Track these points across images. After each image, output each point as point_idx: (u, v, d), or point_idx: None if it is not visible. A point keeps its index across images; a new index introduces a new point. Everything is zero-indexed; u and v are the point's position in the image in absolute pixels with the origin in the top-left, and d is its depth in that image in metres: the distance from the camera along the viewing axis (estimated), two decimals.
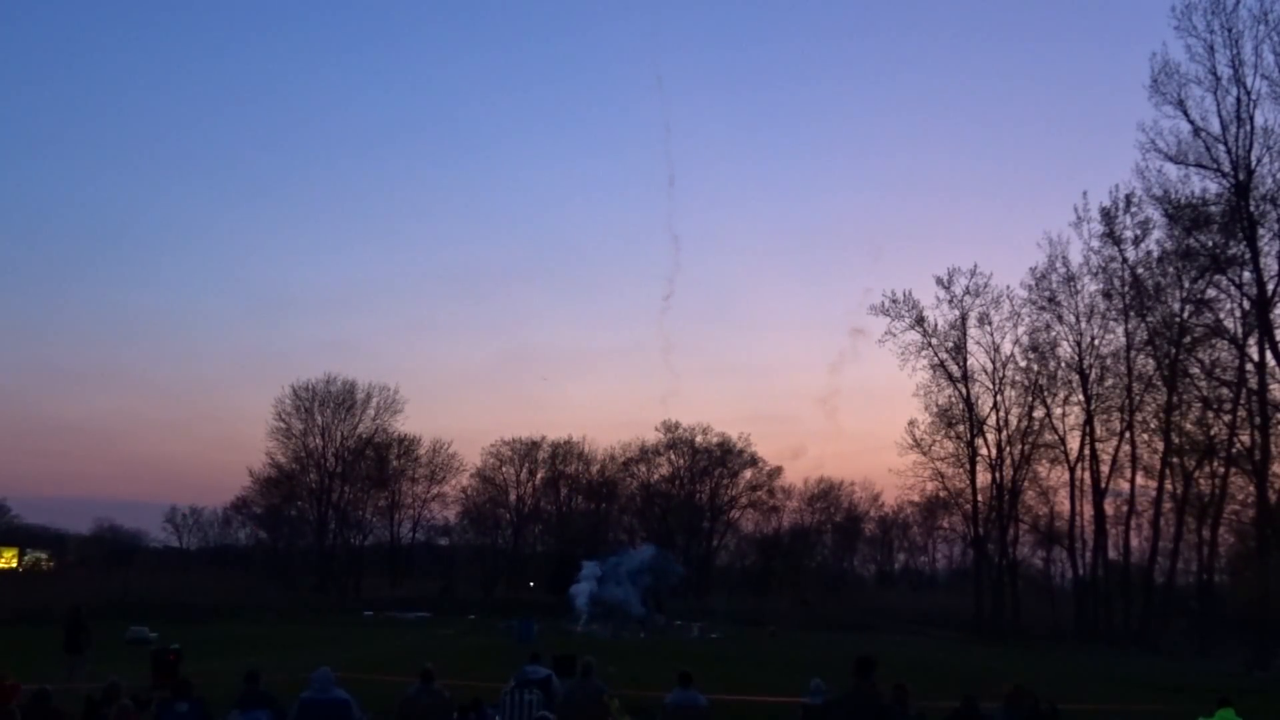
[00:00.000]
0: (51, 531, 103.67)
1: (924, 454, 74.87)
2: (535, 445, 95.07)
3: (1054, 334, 68.79)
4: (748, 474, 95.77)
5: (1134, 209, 60.33)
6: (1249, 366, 53.91)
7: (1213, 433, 58.30)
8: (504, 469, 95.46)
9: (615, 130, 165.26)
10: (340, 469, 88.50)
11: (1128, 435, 64.64)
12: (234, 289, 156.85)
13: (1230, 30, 49.00)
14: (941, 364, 73.36)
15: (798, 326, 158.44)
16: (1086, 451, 67.14)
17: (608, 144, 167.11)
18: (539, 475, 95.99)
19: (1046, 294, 67.74)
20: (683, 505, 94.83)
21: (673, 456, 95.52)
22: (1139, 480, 64.78)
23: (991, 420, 73.50)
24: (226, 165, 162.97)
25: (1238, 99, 49.49)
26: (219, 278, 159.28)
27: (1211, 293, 56.75)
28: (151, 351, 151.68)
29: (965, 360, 72.99)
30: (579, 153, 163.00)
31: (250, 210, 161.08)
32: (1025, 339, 71.01)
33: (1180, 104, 51.10)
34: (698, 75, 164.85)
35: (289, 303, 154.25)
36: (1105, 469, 66.24)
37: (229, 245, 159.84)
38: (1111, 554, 67.21)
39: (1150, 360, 62.79)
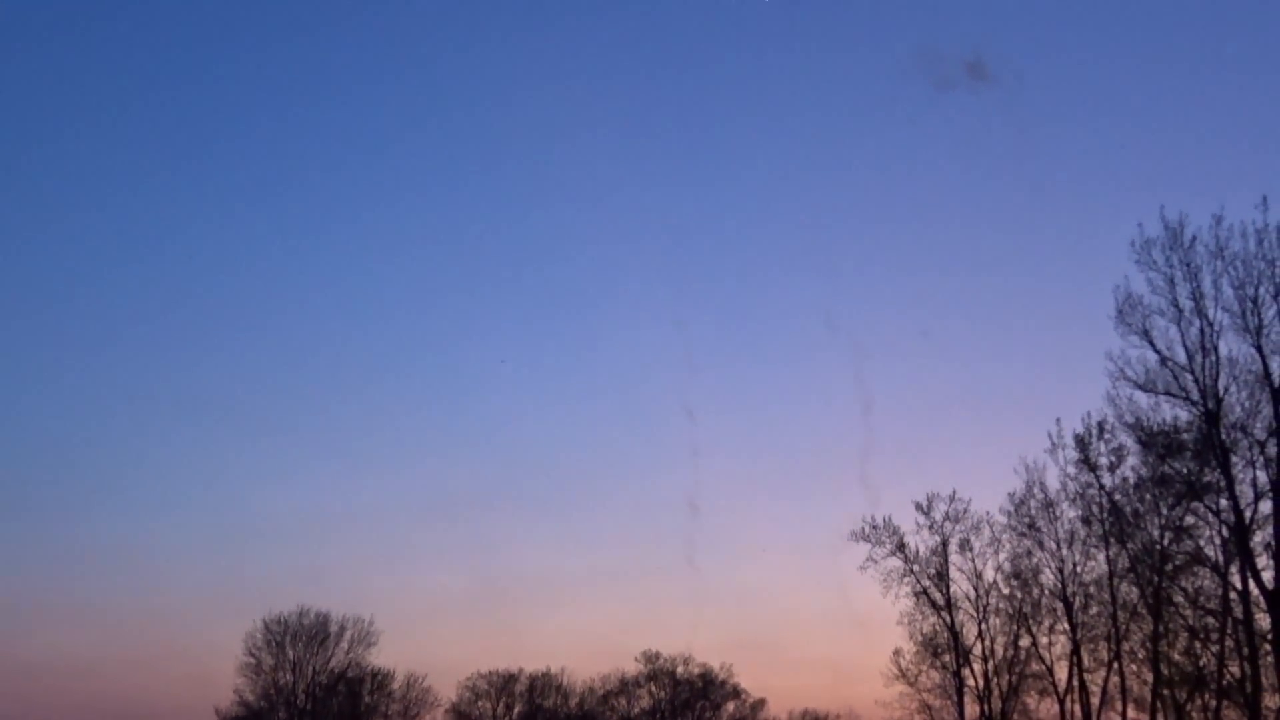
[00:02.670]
0: None
1: (910, 684, 73.57)
2: (512, 678, 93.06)
3: (1035, 560, 68.27)
4: (730, 706, 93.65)
5: (1107, 436, 60.80)
6: (1233, 595, 53.37)
7: (1202, 663, 57.22)
8: (480, 703, 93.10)
9: (588, 352, 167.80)
10: (311, 706, 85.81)
11: (1116, 665, 63.39)
12: (200, 517, 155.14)
13: (1189, 265, 50.26)
14: (924, 591, 72.59)
15: (780, 549, 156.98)
16: (1075, 682, 65.74)
17: (581, 366, 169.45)
18: (516, 709, 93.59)
19: (1026, 520, 67.54)
20: None
21: (653, 688, 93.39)
22: (1130, 713, 63.16)
23: (977, 649, 72.30)
24: (190, 389, 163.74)
25: (1201, 330, 50.37)
26: (184, 505, 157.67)
27: (1190, 520, 56.54)
28: (114, 584, 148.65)
29: (948, 587, 72.27)
30: (553, 375, 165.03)
31: (216, 435, 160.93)
32: (1007, 565, 70.43)
33: (1146, 334, 51.94)
34: (675, 302, 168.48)
35: (259, 530, 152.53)
36: (1095, 700, 64.70)
37: (194, 471, 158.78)
38: None
39: (1134, 588, 62.14)
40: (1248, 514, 50.70)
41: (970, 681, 72.45)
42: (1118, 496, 61.69)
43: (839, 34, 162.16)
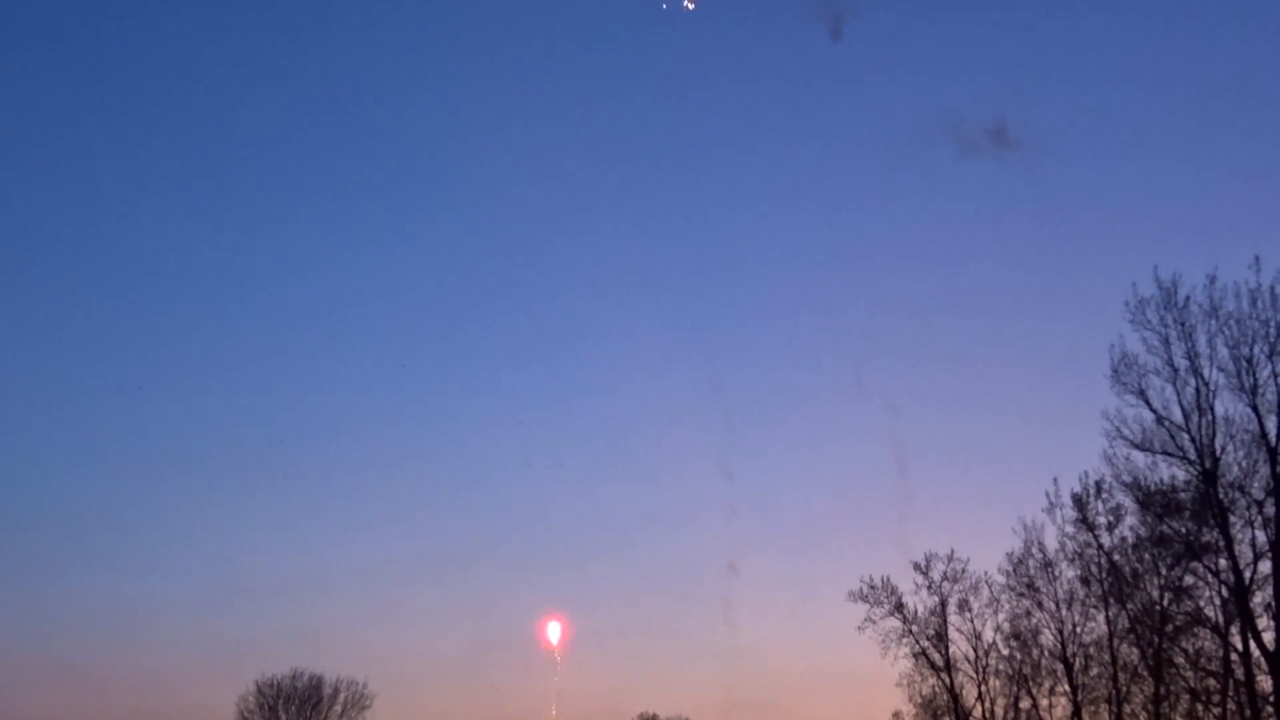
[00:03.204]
0: None
1: None
2: None
3: (1035, 621, 67.80)
4: None
5: (1105, 495, 60.60)
6: (1234, 656, 52.91)
7: None
8: None
9: (588, 411, 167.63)
10: None
11: None
12: (191, 576, 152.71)
13: (1183, 324, 50.48)
14: (923, 652, 71.99)
15: (777, 608, 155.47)
16: None
17: (581, 424, 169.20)
18: None
19: (1025, 580, 67.19)
20: None
21: None
22: None
23: (977, 712, 71.47)
24: (180, 445, 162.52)
25: (1197, 389, 50.44)
26: (174, 563, 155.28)
27: (1189, 580, 56.22)
28: (102, 645, 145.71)
29: (947, 649, 71.65)
30: (552, 432, 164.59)
31: (206, 492, 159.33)
32: (1006, 626, 69.94)
33: (1142, 393, 51.99)
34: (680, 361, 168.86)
35: (251, 589, 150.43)
36: None
37: (184, 529, 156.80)
38: None
39: (1134, 649, 61.63)
40: (1247, 574, 50.42)
41: None
42: (1116, 556, 61.42)
43: (865, 103, 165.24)
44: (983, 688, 71.15)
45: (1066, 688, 65.75)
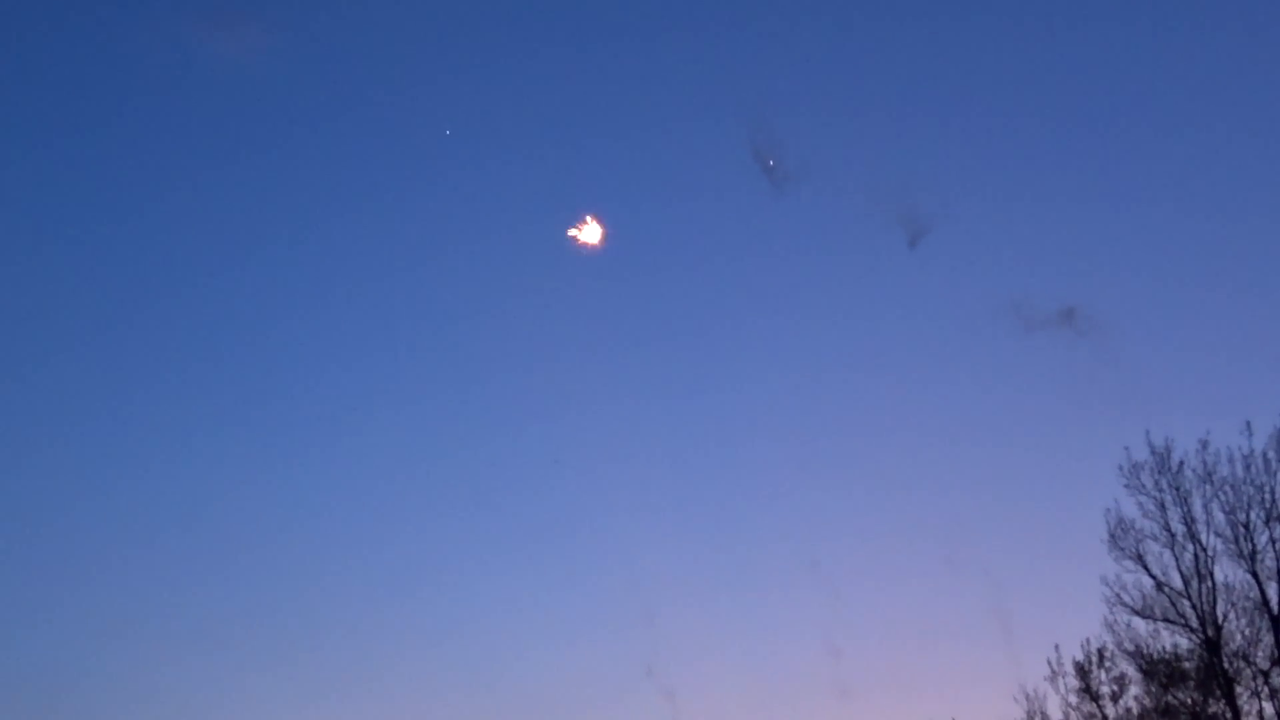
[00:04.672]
0: None
1: None
2: None
3: None
4: None
5: (1108, 664, 59.16)
6: None
7: None
8: None
9: (587, 569, 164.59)
10: None
11: None
12: None
13: (1178, 489, 49.81)
14: None
15: None
16: None
17: (580, 582, 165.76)
18: None
19: None
20: None
21: None
22: None
23: None
24: (196, 622, 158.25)
25: (1195, 555, 49.54)
26: None
27: None
28: None
29: None
30: (548, 591, 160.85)
31: (224, 670, 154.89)
32: None
33: (1140, 559, 51.05)
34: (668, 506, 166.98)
35: None
36: None
37: (202, 708, 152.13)
38: None
39: None
40: None
41: None
42: None
43: (932, 286, 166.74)
44: None
45: None
